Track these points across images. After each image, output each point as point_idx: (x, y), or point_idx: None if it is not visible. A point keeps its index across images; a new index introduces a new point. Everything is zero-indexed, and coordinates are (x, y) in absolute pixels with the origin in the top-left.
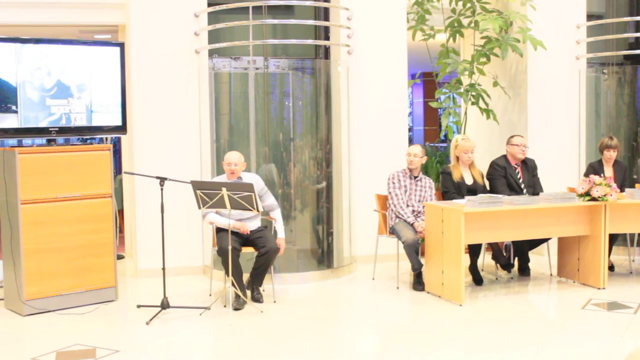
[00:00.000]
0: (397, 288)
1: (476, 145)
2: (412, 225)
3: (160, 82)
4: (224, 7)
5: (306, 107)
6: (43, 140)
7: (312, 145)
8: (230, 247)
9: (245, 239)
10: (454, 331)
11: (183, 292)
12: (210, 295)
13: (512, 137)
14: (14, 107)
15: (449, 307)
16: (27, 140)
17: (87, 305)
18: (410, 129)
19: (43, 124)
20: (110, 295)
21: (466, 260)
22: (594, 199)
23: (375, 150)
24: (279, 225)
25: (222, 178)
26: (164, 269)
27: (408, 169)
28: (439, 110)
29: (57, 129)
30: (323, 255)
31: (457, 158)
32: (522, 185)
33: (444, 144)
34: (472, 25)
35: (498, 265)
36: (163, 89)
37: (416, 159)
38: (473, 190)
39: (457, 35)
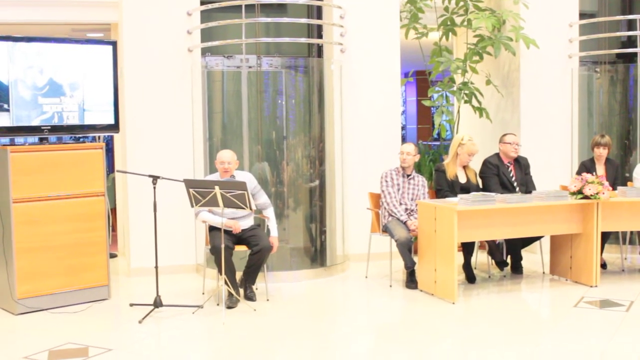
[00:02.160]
0: (390, 286)
1: (478, 152)
2: (405, 223)
3: (153, 80)
4: (216, 5)
5: (299, 105)
6: (35, 139)
7: (305, 144)
8: (223, 246)
9: (238, 238)
10: (447, 329)
11: (176, 290)
12: (203, 293)
13: (504, 135)
14: (5, 106)
15: (442, 305)
16: (19, 139)
17: (79, 304)
18: (403, 127)
19: (35, 122)
20: (102, 294)
21: (459, 258)
22: (586, 197)
23: (368, 148)
24: (271, 223)
25: (215, 176)
26: (156, 267)
27: (401, 167)
28: (432, 108)
29: (49, 127)
30: (316, 253)
31: (457, 155)
32: (515, 184)
33: (437, 142)
34: (465, 23)
35: (493, 261)
36: (156, 87)
37: (409, 157)
38: (466, 188)
39: (450, 33)
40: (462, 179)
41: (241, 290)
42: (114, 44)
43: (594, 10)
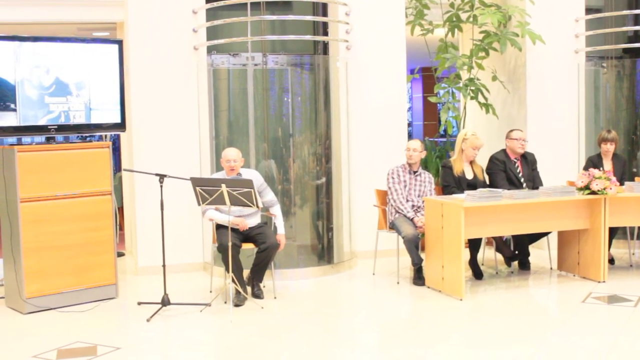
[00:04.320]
0: (398, 283)
1: (483, 145)
2: (412, 220)
3: (159, 79)
4: (222, 3)
5: (305, 103)
6: (42, 139)
7: (311, 141)
8: (230, 244)
9: (245, 236)
10: (455, 326)
11: (183, 289)
12: (210, 291)
13: (511, 131)
14: (12, 106)
15: (450, 301)
16: (26, 139)
17: (87, 303)
18: (409, 124)
19: (42, 122)
20: (110, 293)
21: (466, 254)
22: (593, 193)
23: (374, 145)
24: (278, 221)
25: (221, 175)
26: (164, 266)
27: (407, 163)
28: (438, 105)
29: (56, 126)
30: (323, 250)
31: (462, 151)
32: (522, 180)
33: (444, 139)
34: (471, 19)
35: (503, 257)
36: (162, 86)
37: (415, 154)
38: (473, 185)
39: (456, 29)
40: (469, 175)
41: (249, 288)
42: (119, 42)
43: (600, 5)
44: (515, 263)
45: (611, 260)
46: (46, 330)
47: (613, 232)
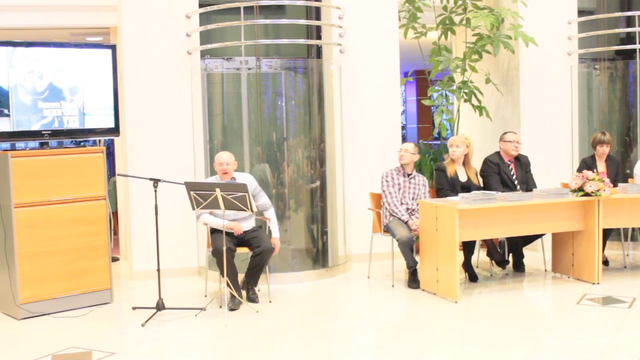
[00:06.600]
0: (393, 286)
1: (465, 141)
2: (406, 223)
3: (153, 83)
4: (215, 7)
5: (299, 106)
6: (36, 144)
7: (305, 145)
8: (224, 248)
9: (239, 240)
10: (450, 328)
11: (178, 293)
12: (205, 296)
13: (505, 133)
14: (6, 111)
15: (444, 304)
16: (20, 144)
17: (82, 308)
18: (403, 127)
19: (36, 127)
20: (105, 298)
21: (460, 257)
22: (587, 194)
23: (368, 148)
24: (273, 224)
25: (215, 179)
26: (158, 270)
27: (401, 166)
28: (432, 108)
29: (49, 132)
30: (318, 254)
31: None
32: (516, 182)
33: (438, 142)
34: (464, 22)
35: (493, 262)
36: (155, 90)
37: (407, 154)
38: (467, 187)
39: (449, 32)
40: (463, 178)
41: (243, 292)
42: (113, 47)
43: (592, 7)
44: (510, 265)
45: (605, 262)
46: (41, 336)
47: (607, 234)
